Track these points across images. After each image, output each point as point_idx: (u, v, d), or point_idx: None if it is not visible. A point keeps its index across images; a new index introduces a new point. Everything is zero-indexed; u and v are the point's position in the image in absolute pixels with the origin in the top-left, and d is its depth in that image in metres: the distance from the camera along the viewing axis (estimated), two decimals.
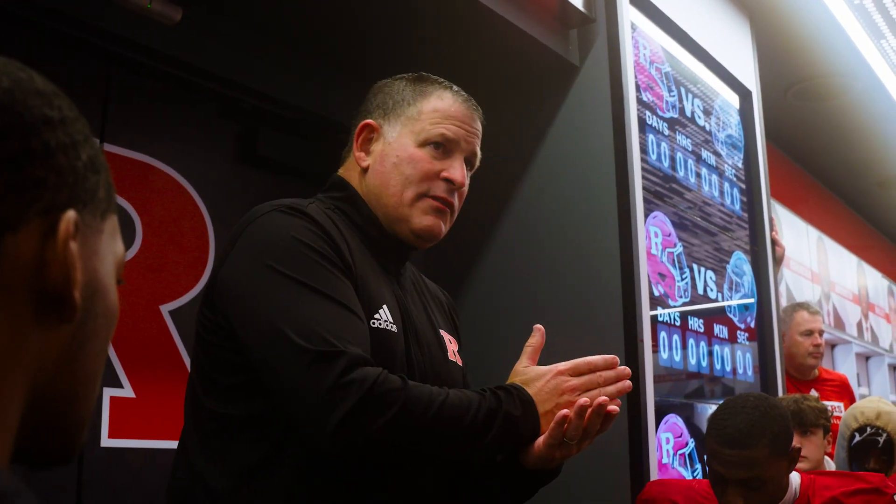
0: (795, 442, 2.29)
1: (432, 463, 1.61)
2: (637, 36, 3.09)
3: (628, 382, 1.63)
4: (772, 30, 4.22)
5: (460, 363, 1.83)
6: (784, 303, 4.95)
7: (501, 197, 3.08)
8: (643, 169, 2.93)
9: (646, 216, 2.90)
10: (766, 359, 3.66)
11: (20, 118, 0.68)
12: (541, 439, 1.56)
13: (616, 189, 2.80)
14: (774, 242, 3.86)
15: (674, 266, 3.06)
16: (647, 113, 3.06)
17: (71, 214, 0.69)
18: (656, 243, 2.97)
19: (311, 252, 1.51)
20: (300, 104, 2.96)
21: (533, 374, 1.64)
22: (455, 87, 1.83)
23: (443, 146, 1.75)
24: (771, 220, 3.91)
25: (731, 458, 2.17)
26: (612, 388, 1.61)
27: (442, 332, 1.81)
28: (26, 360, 0.68)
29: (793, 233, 6.36)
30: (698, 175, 3.39)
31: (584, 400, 1.54)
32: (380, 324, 1.57)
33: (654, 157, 3.06)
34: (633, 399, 2.64)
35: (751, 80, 3.95)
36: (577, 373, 1.62)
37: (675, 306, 3.03)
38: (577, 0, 2.86)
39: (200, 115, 2.83)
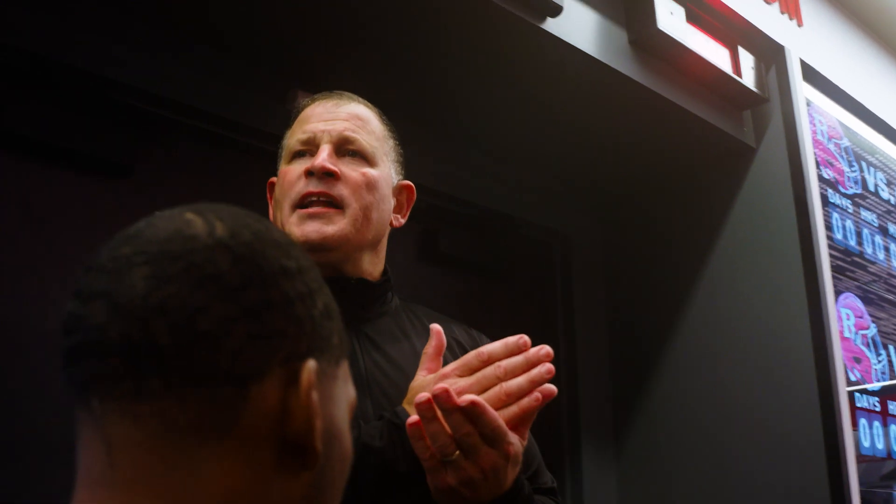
0: None
1: None
2: (812, 111, 3.03)
3: (548, 366, 1.28)
4: None
5: None
6: None
7: (684, 283, 3.04)
8: (829, 247, 2.85)
9: (836, 297, 2.81)
10: None
11: (260, 269, 0.71)
12: None
13: (803, 270, 2.72)
14: None
15: (868, 348, 2.95)
16: (829, 190, 2.99)
17: (312, 364, 0.71)
18: (849, 326, 2.86)
19: None
20: (475, 201, 3.02)
21: (417, 385, 1.33)
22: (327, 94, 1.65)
23: (306, 152, 1.56)
24: None
25: None
26: (520, 380, 1.26)
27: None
28: None
29: None
30: (886, 250, 3.26)
31: (422, 395, 1.20)
32: None
33: (839, 235, 2.97)
34: (836, 488, 2.53)
35: None
36: (467, 370, 1.28)
37: (873, 391, 2.90)
38: (750, 81, 2.83)
39: None
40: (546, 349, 1.28)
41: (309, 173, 1.50)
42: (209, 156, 2.47)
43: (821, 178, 2.92)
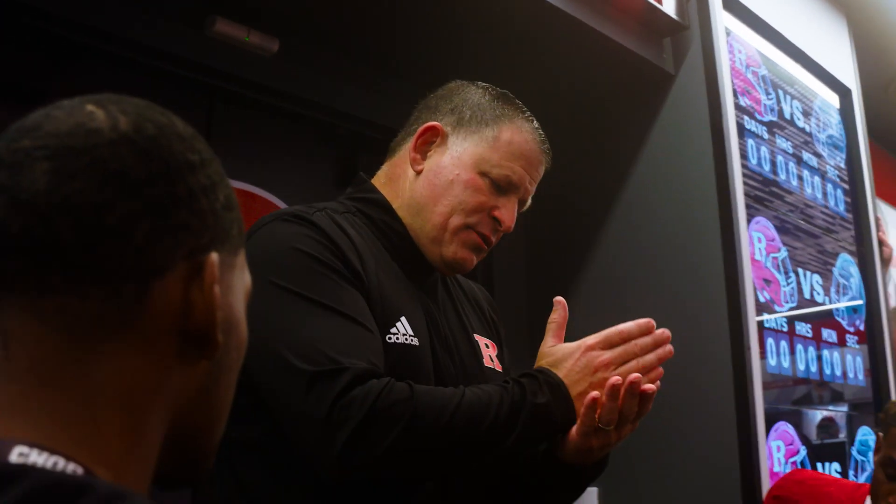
0: None
1: (456, 472, 1.44)
2: (732, 40, 3.05)
3: (669, 347, 1.48)
4: (869, 26, 4.11)
5: (500, 368, 1.66)
6: (893, 304, 4.82)
7: (601, 208, 3.08)
8: (744, 174, 2.89)
9: (748, 221, 2.86)
10: (877, 362, 3.56)
11: (166, 164, 0.70)
12: (574, 427, 1.41)
13: (717, 196, 2.77)
14: (881, 243, 3.76)
15: (778, 271, 3.01)
16: (746, 118, 3.02)
17: (214, 258, 0.71)
18: (760, 249, 2.92)
19: (313, 262, 1.37)
20: (396, 127, 3.00)
21: (561, 353, 1.47)
22: (534, 120, 1.69)
23: (504, 188, 1.60)
24: (877, 219, 3.81)
25: None
26: (651, 357, 1.46)
27: (477, 336, 1.65)
28: (169, 395, 0.70)
29: None
30: (800, 178, 3.33)
31: (615, 378, 1.39)
32: (397, 338, 1.42)
33: (754, 161, 3.02)
34: (742, 407, 2.61)
35: (850, 78, 3.86)
36: (609, 345, 1.46)
37: (781, 312, 2.98)
38: (670, 8, 2.84)
39: (300, 143, 2.89)
40: (666, 332, 1.49)
41: (497, 220, 1.59)
42: (125, 81, 2.43)
43: (737, 106, 2.96)
